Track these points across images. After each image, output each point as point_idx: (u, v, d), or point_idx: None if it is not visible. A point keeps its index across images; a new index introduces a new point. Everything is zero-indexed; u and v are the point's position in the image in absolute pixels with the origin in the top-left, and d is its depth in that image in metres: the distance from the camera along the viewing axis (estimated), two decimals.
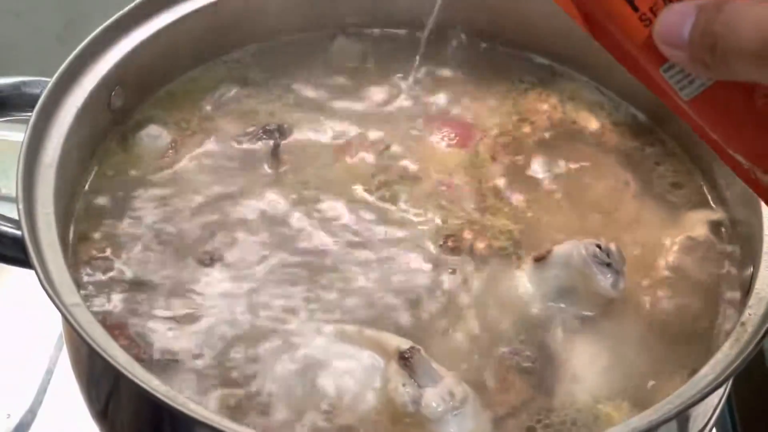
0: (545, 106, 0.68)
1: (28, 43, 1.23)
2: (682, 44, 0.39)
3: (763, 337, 0.46)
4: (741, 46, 0.37)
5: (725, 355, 0.46)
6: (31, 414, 0.68)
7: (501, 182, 0.62)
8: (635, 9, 0.40)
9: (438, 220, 0.59)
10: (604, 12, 0.41)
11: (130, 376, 0.43)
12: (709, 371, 0.45)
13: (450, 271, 0.56)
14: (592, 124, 0.67)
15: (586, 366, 0.53)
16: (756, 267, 0.51)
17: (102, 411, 0.53)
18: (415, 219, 0.59)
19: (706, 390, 0.44)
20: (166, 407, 0.43)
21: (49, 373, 0.70)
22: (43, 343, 0.72)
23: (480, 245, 0.57)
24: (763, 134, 0.41)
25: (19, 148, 0.53)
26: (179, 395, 0.45)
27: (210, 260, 0.56)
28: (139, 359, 0.49)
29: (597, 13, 0.42)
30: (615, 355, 0.54)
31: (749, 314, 0.48)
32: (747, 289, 0.51)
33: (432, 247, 0.57)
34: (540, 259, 0.56)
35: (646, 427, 0.43)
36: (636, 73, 0.43)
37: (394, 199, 0.60)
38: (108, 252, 0.56)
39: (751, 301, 0.49)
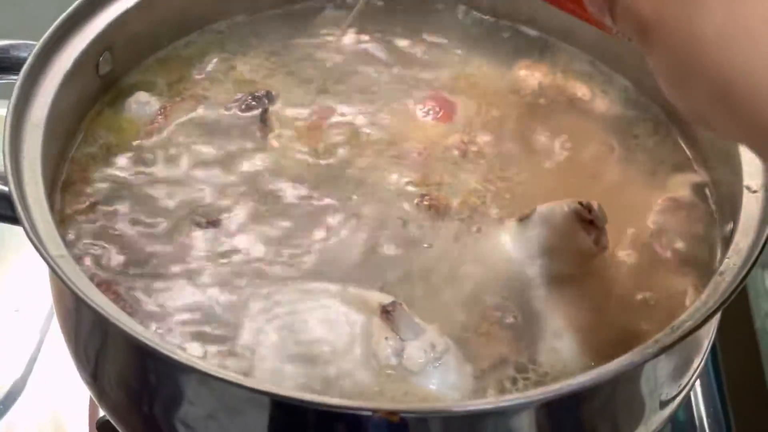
0: (536, 75, 0.68)
1: (23, 31, 1.23)
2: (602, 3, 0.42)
3: (739, 285, 0.46)
4: None
5: (703, 303, 0.46)
6: (22, 381, 0.69)
7: (485, 148, 0.62)
8: None
9: (416, 181, 0.59)
10: None
11: (116, 322, 0.44)
12: (687, 318, 0.46)
13: (430, 228, 0.57)
14: (581, 93, 0.68)
15: (568, 322, 0.53)
16: (735, 222, 0.52)
17: (92, 372, 0.53)
18: (393, 181, 0.59)
19: (682, 334, 0.44)
20: (154, 353, 0.43)
21: (40, 342, 0.71)
22: (35, 314, 0.72)
23: (457, 204, 0.58)
24: None
25: (5, 113, 0.54)
26: (166, 342, 0.45)
27: (206, 223, 0.57)
28: (127, 313, 0.50)
29: None
30: (596, 312, 0.54)
31: (728, 264, 0.48)
32: (728, 244, 0.52)
33: (408, 206, 0.58)
34: (523, 219, 0.56)
35: (617, 373, 0.43)
36: None
37: (373, 164, 0.60)
38: (95, 212, 0.57)
39: (730, 252, 0.49)
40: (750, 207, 0.51)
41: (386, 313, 0.51)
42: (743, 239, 0.50)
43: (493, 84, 0.67)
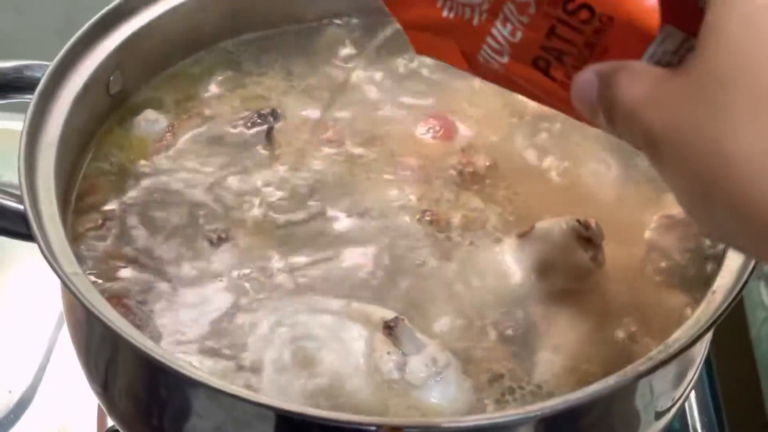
0: None
1: (28, 38, 1.25)
2: (594, 106, 0.41)
3: (731, 304, 0.48)
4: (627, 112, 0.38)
5: (696, 321, 0.48)
6: (32, 390, 0.70)
7: (484, 166, 0.64)
8: (552, 78, 0.43)
9: (417, 198, 0.61)
10: (529, 84, 0.44)
11: (127, 338, 0.45)
12: (680, 336, 0.47)
13: (431, 243, 0.58)
14: None
15: (566, 336, 0.55)
16: None
17: (102, 383, 0.55)
18: (394, 197, 0.61)
19: (675, 352, 0.46)
20: (163, 368, 0.45)
21: (49, 351, 0.73)
22: (44, 323, 0.74)
23: (458, 220, 0.60)
24: None
25: (21, 132, 0.55)
26: (176, 357, 0.47)
27: (216, 239, 0.58)
28: (136, 326, 0.51)
29: (524, 87, 0.45)
30: (594, 327, 0.55)
31: (720, 282, 0.50)
32: (720, 262, 0.53)
33: (409, 220, 0.60)
34: (523, 235, 0.58)
35: (612, 389, 0.45)
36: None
37: (375, 181, 0.62)
38: (106, 229, 0.59)
39: (722, 271, 0.51)
40: None
41: (389, 328, 0.52)
42: (735, 258, 0.51)
43: (492, 105, 0.69)
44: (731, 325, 1.14)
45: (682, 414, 0.74)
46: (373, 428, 0.43)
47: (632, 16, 0.40)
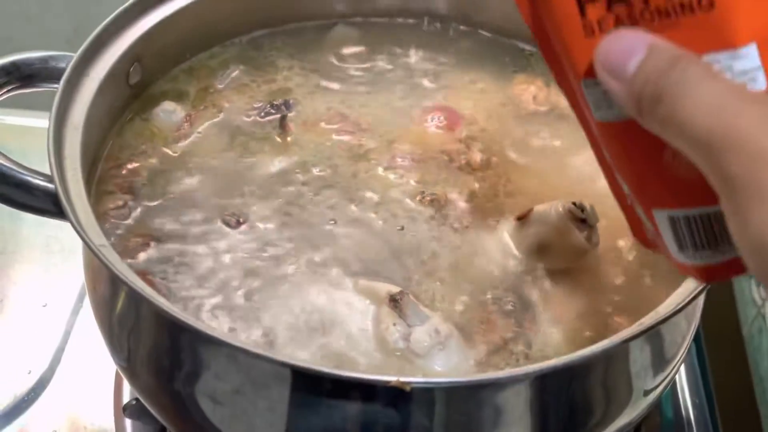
0: (531, 88, 0.73)
1: (38, 47, 1.28)
2: (623, 78, 0.37)
3: None
4: (685, 122, 0.35)
5: (685, 290, 0.51)
6: (51, 371, 0.73)
7: (485, 153, 0.67)
8: (582, 13, 0.38)
9: (418, 181, 0.65)
10: (550, 5, 0.39)
11: (151, 298, 0.48)
12: (669, 303, 0.50)
13: (433, 224, 0.62)
14: None
15: (562, 311, 0.58)
16: None
17: (126, 355, 0.57)
18: (400, 182, 0.65)
19: (664, 317, 0.49)
20: (185, 328, 0.48)
21: (67, 334, 0.75)
22: (62, 307, 0.77)
23: (461, 203, 0.63)
24: (657, 179, 0.40)
25: (47, 127, 0.58)
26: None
27: (235, 222, 0.62)
28: None
29: (542, 7, 0.40)
30: (589, 302, 0.59)
31: None
32: None
33: (412, 203, 0.63)
34: (521, 218, 0.61)
35: (610, 347, 0.48)
36: (557, 75, 0.42)
37: (381, 166, 0.66)
38: (128, 209, 0.62)
39: None
40: None
41: (394, 301, 0.55)
42: None
43: (492, 96, 0.73)
44: (723, 322, 1.17)
45: (676, 409, 0.77)
46: (384, 384, 0.45)
47: (733, 13, 0.36)
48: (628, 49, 0.37)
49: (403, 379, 0.45)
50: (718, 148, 0.34)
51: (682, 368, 0.77)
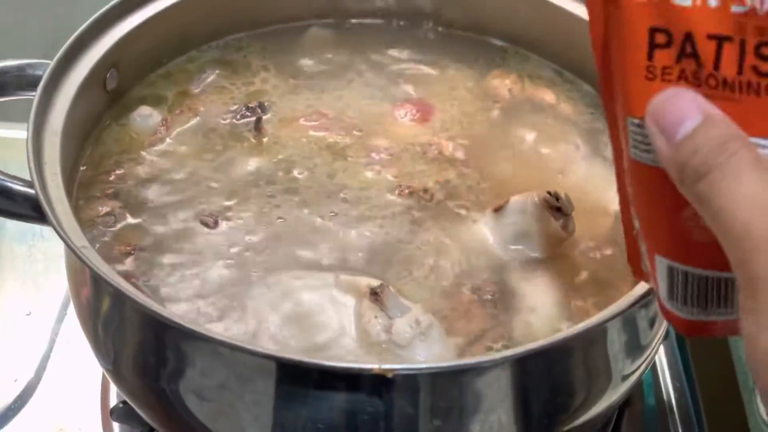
0: (506, 82, 0.74)
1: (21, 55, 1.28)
2: (670, 139, 0.36)
3: None
4: (723, 209, 0.35)
5: None
6: (37, 378, 0.74)
7: (460, 146, 0.68)
8: (650, 55, 0.38)
9: (395, 175, 0.65)
10: (622, 36, 0.39)
11: (133, 296, 0.49)
12: (639, 289, 0.52)
13: (411, 217, 0.63)
14: (548, 98, 0.74)
15: (541, 299, 0.59)
16: None
17: (111, 358, 0.57)
18: (376, 176, 0.65)
19: (634, 301, 0.50)
20: (168, 325, 0.49)
21: (53, 341, 0.76)
22: (47, 315, 0.77)
23: (439, 195, 0.64)
24: (671, 230, 0.40)
25: (27, 124, 0.59)
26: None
27: (213, 222, 0.62)
28: None
29: (615, 35, 0.40)
30: (565, 290, 0.60)
31: None
32: None
33: (390, 196, 0.64)
34: (498, 209, 0.62)
35: (587, 329, 0.49)
36: (605, 95, 0.42)
37: (357, 161, 0.67)
38: (108, 216, 0.62)
39: None
40: None
41: (375, 294, 0.56)
42: None
43: (467, 91, 0.74)
44: None
45: (657, 393, 0.77)
46: (368, 372, 0.46)
47: None
48: (684, 113, 0.36)
49: (385, 366, 0.46)
50: (752, 246, 0.34)
51: (663, 356, 0.78)
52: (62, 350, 0.75)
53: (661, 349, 0.78)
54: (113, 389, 0.70)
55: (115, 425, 0.69)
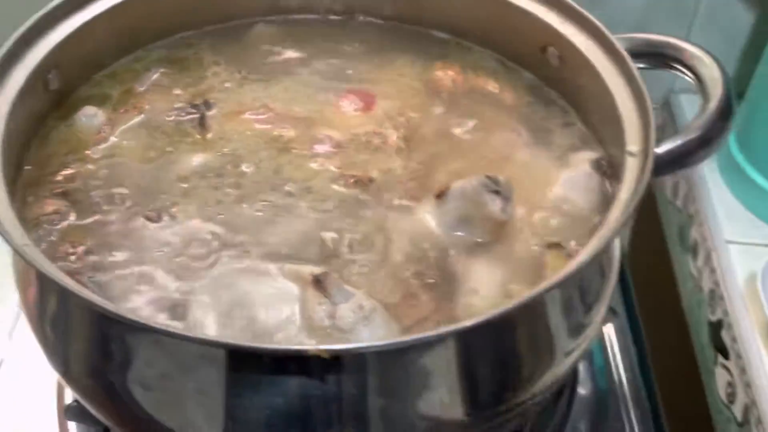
0: (449, 73, 0.76)
1: None
2: None
3: (617, 230, 0.53)
4: None
5: (593, 246, 0.53)
6: None
7: (403, 135, 0.69)
8: None
9: (339, 166, 0.66)
10: None
11: (76, 291, 0.49)
12: (580, 259, 0.53)
13: (355, 205, 0.64)
14: (491, 87, 0.75)
15: (483, 281, 0.60)
16: (621, 183, 0.59)
17: (61, 358, 0.58)
18: (319, 168, 0.66)
19: (566, 276, 0.51)
20: (112, 317, 0.49)
21: (5, 347, 0.76)
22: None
23: (382, 184, 0.65)
24: None
25: None
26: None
27: (157, 217, 0.63)
28: None
29: None
30: (507, 271, 0.61)
31: (610, 215, 0.56)
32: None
33: (335, 186, 0.65)
34: (440, 195, 0.63)
35: (525, 302, 0.50)
36: None
37: (302, 153, 0.67)
38: (53, 215, 0.63)
39: (613, 206, 0.57)
40: (631, 168, 0.59)
41: (318, 281, 0.57)
42: (624, 194, 0.57)
43: (411, 83, 0.75)
44: (665, 297, 1.20)
45: (608, 375, 0.79)
46: (306, 353, 0.47)
47: None
48: None
49: (322, 347, 0.46)
50: None
51: (614, 338, 0.79)
52: (16, 355, 0.75)
53: (612, 332, 0.79)
54: (69, 390, 0.70)
55: (71, 425, 0.69)
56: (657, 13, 1.13)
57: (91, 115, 0.69)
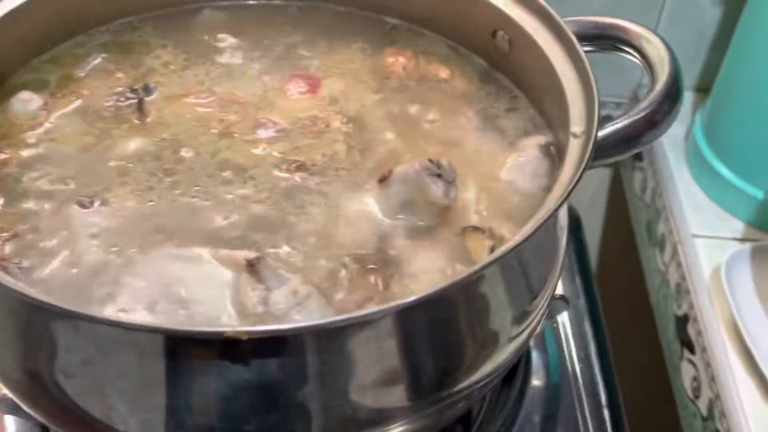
0: (400, 60, 0.74)
1: None
2: None
3: (554, 211, 0.52)
4: None
5: (533, 224, 0.52)
6: None
7: (350, 120, 0.68)
8: None
9: (282, 151, 0.65)
10: None
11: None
12: (517, 238, 0.51)
13: (298, 191, 0.62)
14: (442, 73, 0.74)
15: (424, 266, 0.58)
16: (563, 164, 0.57)
17: None
18: (261, 152, 0.65)
19: (502, 254, 0.50)
20: (32, 304, 0.47)
21: None
22: None
23: (326, 168, 0.63)
24: None
25: None
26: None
27: (89, 202, 0.61)
28: None
29: None
30: (452, 256, 0.59)
31: (550, 196, 0.54)
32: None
33: (277, 171, 0.63)
34: (383, 180, 0.62)
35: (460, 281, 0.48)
36: None
37: (243, 138, 0.66)
38: None
39: (555, 186, 0.55)
40: (573, 150, 0.57)
41: (251, 266, 0.55)
42: (565, 176, 0.55)
43: (360, 66, 0.73)
44: (634, 293, 1.19)
45: (563, 368, 0.77)
46: (217, 337, 0.45)
47: None
48: None
49: (240, 328, 0.45)
50: None
51: (569, 328, 0.78)
52: None
53: (567, 322, 0.78)
54: None
55: (9, 419, 0.67)
56: (623, 6, 1.12)
57: (26, 100, 0.67)
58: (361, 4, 0.77)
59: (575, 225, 0.97)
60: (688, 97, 1.20)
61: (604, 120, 0.60)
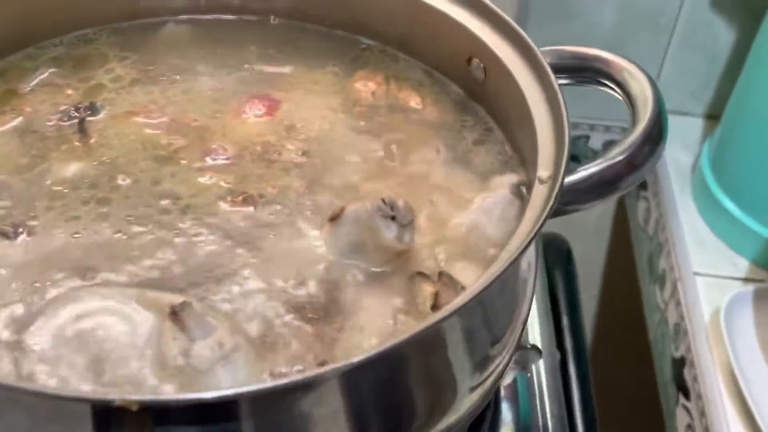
0: (370, 85, 0.69)
1: None
2: None
3: (515, 260, 0.47)
4: None
5: (491, 273, 0.46)
6: None
7: (306, 153, 0.62)
8: None
9: (229, 181, 0.59)
10: None
11: None
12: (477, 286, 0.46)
13: (242, 227, 0.57)
14: (413, 102, 0.68)
15: (372, 317, 0.53)
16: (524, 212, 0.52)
17: None
18: (207, 182, 0.59)
19: (453, 309, 0.44)
20: None
21: None
22: None
23: (274, 203, 0.58)
24: None
25: None
26: None
27: (13, 232, 0.56)
28: None
29: None
30: (405, 305, 0.54)
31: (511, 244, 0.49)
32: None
33: (221, 204, 0.58)
34: (334, 218, 0.56)
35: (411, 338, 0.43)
36: None
37: (190, 166, 0.61)
38: None
39: (515, 235, 0.50)
40: (537, 196, 0.52)
41: (174, 313, 0.50)
42: (525, 226, 0.50)
43: (325, 92, 0.68)
44: (633, 329, 1.14)
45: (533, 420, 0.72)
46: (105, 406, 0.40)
47: None
48: None
49: (128, 397, 0.39)
50: None
51: (545, 385, 0.72)
52: None
53: (543, 373, 0.72)
54: None
55: None
56: (634, 30, 1.07)
57: None
58: (335, 23, 0.72)
59: (566, 258, 0.91)
60: (697, 124, 1.14)
61: (607, 145, 0.54)
